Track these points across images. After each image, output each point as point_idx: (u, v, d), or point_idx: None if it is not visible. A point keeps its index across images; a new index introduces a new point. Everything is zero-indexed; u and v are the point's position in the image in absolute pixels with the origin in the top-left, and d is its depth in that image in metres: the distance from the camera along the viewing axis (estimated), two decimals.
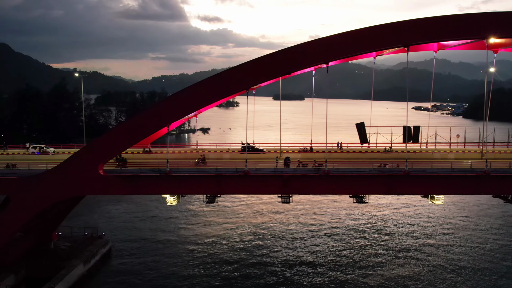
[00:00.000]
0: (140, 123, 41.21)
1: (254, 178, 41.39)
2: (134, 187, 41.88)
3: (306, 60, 41.23)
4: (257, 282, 51.85)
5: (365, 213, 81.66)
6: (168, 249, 64.75)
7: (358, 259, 58.34)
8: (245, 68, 40.97)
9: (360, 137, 54.89)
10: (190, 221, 78.76)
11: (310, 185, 41.87)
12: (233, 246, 64.19)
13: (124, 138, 41.00)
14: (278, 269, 55.40)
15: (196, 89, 41.20)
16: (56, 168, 41.39)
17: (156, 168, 42.47)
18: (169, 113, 40.72)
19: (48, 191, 41.41)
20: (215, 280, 52.59)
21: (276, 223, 75.54)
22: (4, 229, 42.04)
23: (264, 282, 51.66)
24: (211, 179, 41.56)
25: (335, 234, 69.31)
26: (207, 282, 52.41)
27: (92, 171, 40.83)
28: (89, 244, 61.71)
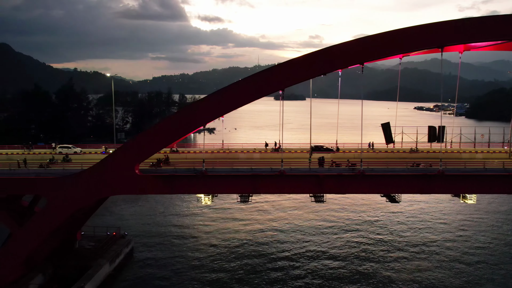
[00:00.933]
0: (176, 123, 41.32)
1: (289, 177, 41.61)
2: (170, 187, 42.04)
3: (341, 61, 41.38)
4: (280, 275, 52.16)
5: (394, 211, 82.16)
6: (189, 247, 65.02)
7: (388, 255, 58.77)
8: (282, 69, 41.19)
9: (386, 137, 55.19)
10: (210, 218, 79.21)
11: (345, 185, 42.09)
12: (253, 243, 64.62)
13: (160, 138, 41.15)
14: (301, 264, 55.71)
15: (233, 89, 41.38)
16: (93, 168, 41.50)
17: (191, 168, 42.62)
18: (205, 113, 40.88)
19: (84, 191, 41.54)
20: (236, 278, 53.06)
21: (297, 219, 75.91)
22: (41, 229, 42.13)
23: (287, 276, 52.10)
24: (246, 179, 41.75)
25: (356, 230, 69.79)
26: (227, 279, 52.79)
27: (129, 171, 40.99)
28: (112, 244, 61.95)
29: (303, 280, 51.99)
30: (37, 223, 42.02)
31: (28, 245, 42.48)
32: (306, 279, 52.00)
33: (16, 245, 42.16)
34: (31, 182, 41.65)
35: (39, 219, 41.97)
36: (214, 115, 41.33)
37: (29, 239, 42.20)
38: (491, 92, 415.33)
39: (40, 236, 42.40)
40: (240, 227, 74.69)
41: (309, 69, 41.09)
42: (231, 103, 40.97)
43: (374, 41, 40.39)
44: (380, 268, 54.61)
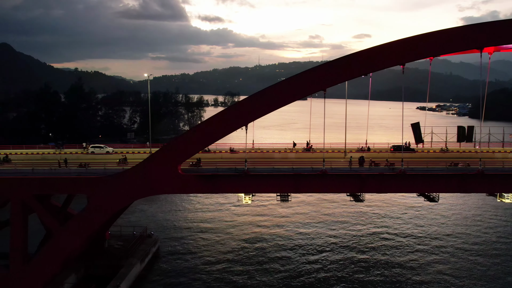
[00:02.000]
0: (218, 123, 41.53)
1: (331, 177, 41.87)
2: (212, 187, 42.23)
3: (382, 62, 41.60)
4: (304, 270, 52.51)
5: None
6: (213, 245, 65.69)
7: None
8: (324, 69, 41.42)
9: (415, 136, 55.58)
10: (228, 216, 79.65)
11: (386, 184, 42.37)
12: (280, 243, 65.00)
13: (202, 137, 41.37)
14: (333, 260, 56.12)
15: (275, 89, 41.55)
16: (135, 167, 41.69)
17: (233, 168, 42.89)
18: (248, 113, 41.10)
19: (127, 190, 41.71)
20: (262, 277, 53.52)
21: (321, 217, 76.26)
22: (83, 228, 42.29)
23: (314, 271, 52.46)
24: (288, 178, 42.00)
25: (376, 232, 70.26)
26: (253, 276, 53.28)
27: (172, 170, 41.20)
28: (140, 243, 62.20)
29: (335, 275, 52.51)
30: (79, 222, 42.16)
31: (69, 244, 42.61)
32: (338, 274, 52.48)
33: (57, 245, 42.25)
34: (74, 182, 41.79)
35: (81, 218, 42.11)
36: (256, 115, 41.47)
37: (70, 239, 42.33)
38: (493, 92, 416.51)
39: (82, 235, 42.57)
40: (262, 223, 75.24)
41: (350, 69, 41.31)
42: (273, 103, 41.15)
43: (416, 42, 40.68)
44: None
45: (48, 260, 42.50)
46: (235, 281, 53.73)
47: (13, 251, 42.29)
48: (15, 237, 42.23)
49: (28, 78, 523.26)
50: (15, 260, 42.30)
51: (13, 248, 42.32)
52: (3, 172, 43.87)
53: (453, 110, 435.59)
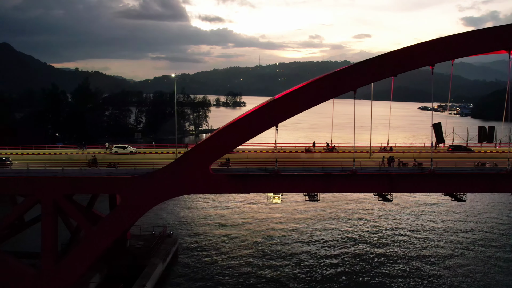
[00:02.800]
0: (249, 122, 41.66)
1: (361, 177, 42.06)
2: (243, 186, 42.36)
3: (412, 62, 41.74)
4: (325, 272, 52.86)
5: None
6: (230, 243, 66.61)
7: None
8: (357, 69, 41.60)
9: (437, 137, 55.83)
10: (243, 213, 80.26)
11: (416, 184, 42.58)
12: (297, 241, 65.43)
13: (233, 137, 41.52)
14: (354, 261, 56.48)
15: (306, 89, 41.70)
16: (167, 167, 41.81)
17: (262, 168, 43.04)
18: (279, 113, 41.21)
19: (158, 190, 41.83)
20: (280, 273, 54.05)
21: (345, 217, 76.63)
22: (115, 227, 42.42)
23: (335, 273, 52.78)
24: (318, 178, 42.17)
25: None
26: (272, 273, 53.91)
27: (203, 170, 41.34)
28: (161, 243, 62.39)
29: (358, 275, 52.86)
30: (111, 222, 42.24)
31: (101, 244, 42.68)
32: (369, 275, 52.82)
33: (89, 244, 42.36)
34: (106, 182, 41.91)
35: (113, 217, 42.21)
36: (286, 115, 41.59)
37: (102, 238, 42.42)
38: (494, 92, 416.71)
39: (114, 234, 42.67)
40: (279, 223, 75.71)
41: (381, 69, 41.48)
42: (305, 102, 41.30)
43: (446, 43, 40.91)
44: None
45: (79, 259, 42.55)
46: (254, 277, 54.37)
47: (44, 251, 42.33)
48: (46, 237, 42.28)
49: (29, 78, 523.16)
50: (46, 260, 42.35)
51: (44, 248, 42.36)
52: (34, 172, 43.93)
53: (455, 110, 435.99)
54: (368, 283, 51.89)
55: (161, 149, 60.30)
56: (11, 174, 44.15)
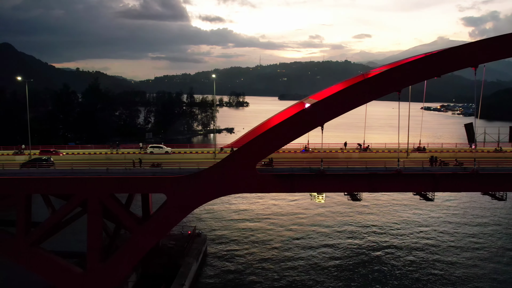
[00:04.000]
0: (294, 123, 41.97)
1: (405, 177, 42.46)
2: (289, 186, 42.71)
3: (455, 63, 42.12)
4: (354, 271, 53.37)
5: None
6: (257, 241, 67.74)
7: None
8: (400, 70, 41.98)
9: (468, 137, 56.32)
10: (267, 210, 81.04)
11: (459, 183, 43.02)
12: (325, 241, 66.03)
13: (279, 138, 41.85)
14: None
15: (351, 90, 42.08)
16: (213, 167, 42.12)
17: (307, 167, 43.43)
18: (323, 113, 41.60)
19: (205, 190, 42.13)
20: (312, 273, 55.01)
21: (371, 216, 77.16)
22: (161, 227, 42.71)
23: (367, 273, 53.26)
24: (363, 178, 42.56)
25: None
26: (299, 271, 54.90)
27: (249, 170, 41.68)
28: (192, 242, 62.78)
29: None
30: (157, 221, 42.53)
31: (147, 243, 42.96)
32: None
33: (135, 244, 42.62)
34: (153, 181, 42.18)
35: (160, 217, 42.49)
36: (331, 115, 41.94)
37: (148, 237, 42.70)
38: (497, 93, 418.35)
39: (160, 234, 43.06)
40: (303, 219, 76.78)
41: (428, 70, 41.85)
42: (349, 103, 41.66)
43: (488, 45, 41.36)
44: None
45: (125, 259, 42.84)
46: (283, 273, 55.57)
47: (91, 251, 42.57)
48: (92, 237, 42.50)
49: (31, 78, 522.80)
50: (92, 259, 42.58)
51: (90, 247, 42.59)
52: (79, 172, 44.22)
53: (457, 110, 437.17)
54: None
55: (196, 149, 60.62)
56: (56, 174, 44.44)
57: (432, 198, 45.56)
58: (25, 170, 45.51)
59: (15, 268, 48.84)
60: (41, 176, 43.54)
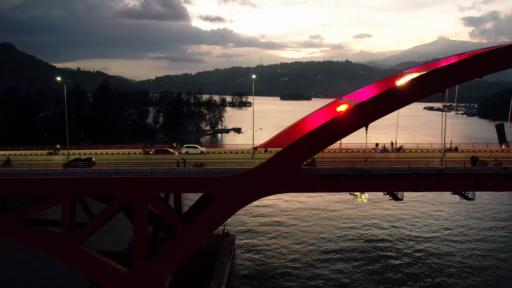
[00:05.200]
0: (340, 123, 42.38)
1: (448, 176, 42.94)
2: (333, 185, 43.17)
3: (494, 65, 42.55)
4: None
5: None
6: (285, 239, 68.58)
7: None
8: (444, 72, 42.45)
9: (499, 137, 56.87)
10: (290, 207, 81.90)
11: (502, 183, 43.49)
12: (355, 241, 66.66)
13: (324, 138, 42.30)
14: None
15: (397, 90, 42.50)
16: (259, 167, 42.48)
17: (351, 167, 43.86)
18: (369, 114, 42.04)
19: (251, 189, 42.53)
20: (340, 273, 55.75)
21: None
22: (207, 226, 43.08)
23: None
24: (407, 178, 43.03)
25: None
26: (328, 270, 55.87)
27: (295, 170, 42.12)
28: (222, 242, 63.17)
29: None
30: (204, 221, 42.88)
31: (193, 242, 43.37)
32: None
33: (181, 243, 42.98)
34: (199, 181, 42.52)
35: (206, 216, 42.82)
36: (377, 115, 42.38)
37: (195, 237, 43.09)
38: (500, 92, 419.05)
39: (206, 233, 43.44)
40: (333, 222, 77.36)
41: (468, 72, 42.28)
42: (395, 103, 42.18)
43: None
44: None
45: (171, 258, 43.21)
46: (312, 270, 56.63)
47: (136, 250, 42.90)
48: (138, 236, 42.83)
49: (33, 78, 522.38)
50: (138, 258, 42.91)
51: (136, 246, 42.94)
52: (123, 172, 44.54)
53: (460, 110, 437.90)
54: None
55: (231, 149, 60.96)
56: (101, 174, 44.72)
57: (473, 197, 46.06)
58: (69, 170, 45.75)
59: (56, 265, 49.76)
60: (87, 176, 43.83)
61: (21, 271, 56.08)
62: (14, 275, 55.42)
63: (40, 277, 54.57)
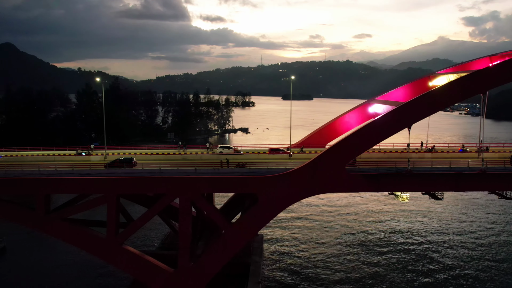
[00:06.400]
0: (383, 125, 42.86)
1: (490, 176, 43.52)
2: (377, 186, 43.69)
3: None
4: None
5: None
6: (308, 236, 69.70)
7: None
8: (487, 72, 43.06)
9: None
10: (310, 205, 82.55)
11: None
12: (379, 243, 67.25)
13: (368, 138, 42.81)
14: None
15: (440, 91, 42.96)
16: (304, 167, 42.94)
17: (393, 167, 44.43)
18: (412, 114, 42.54)
19: (296, 189, 42.98)
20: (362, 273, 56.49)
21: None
22: (252, 226, 43.56)
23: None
24: (450, 177, 43.59)
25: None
26: (356, 269, 56.95)
27: (339, 170, 42.62)
28: (253, 241, 63.71)
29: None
30: (248, 220, 43.37)
31: (238, 242, 43.82)
32: None
33: (226, 243, 43.44)
34: (244, 181, 43.00)
35: (251, 216, 43.31)
36: (418, 117, 42.91)
37: (240, 237, 43.54)
38: (502, 93, 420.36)
39: (251, 233, 43.95)
40: (351, 215, 78.36)
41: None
42: (438, 104, 42.75)
43: None
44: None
45: (216, 258, 43.66)
46: (339, 267, 57.66)
47: (182, 250, 43.35)
48: (183, 236, 43.30)
49: (35, 78, 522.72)
50: (183, 258, 43.36)
51: (181, 246, 43.38)
52: (167, 172, 45.01)
53: (464, 110, 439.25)
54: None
55: (263, 149, 61.36)
56: (144, 174, 45.17)
57: (511, 197, 46.64)
58: (113, 171, 46.20)
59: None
60: (132, 176, 44.28)
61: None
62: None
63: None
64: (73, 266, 58.00)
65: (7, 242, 66.77)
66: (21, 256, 63.35)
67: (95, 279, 54.60)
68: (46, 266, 59.01)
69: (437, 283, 53.13)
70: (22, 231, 72.52)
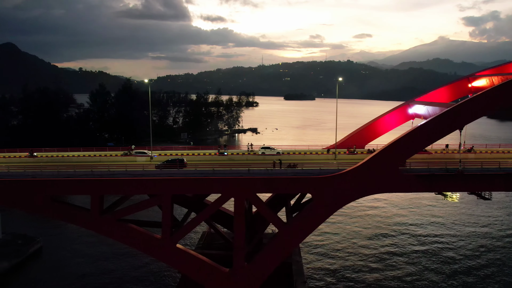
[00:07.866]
0: (436, 125, 43.45)
1: None
2: (428, 185, 44.24)
3: None
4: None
5: None
6: (336, 237, 70.72)
7: None
8: None
9: None
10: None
11: None
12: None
13: (422, 138, 43.41)
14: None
15: (493, 92, 43.48)
16: (357, 167, 43.49)
17: (443, 168, 45.07)
18: (464, 116, 43.15)
19: (350, 189, 43.51)
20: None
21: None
22: (308, 226, 44.09)
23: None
24: (500, 178, 44.23)
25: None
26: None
27: (393, 170, 43.20)
28: None
29: None
30: (303, 220, 43.89)
31: (292, 242, 44.37)
32: None
33: (281, 242, 43.96)
34: (299, 182, 43.54)
35: (306, 216, 43.83)
36: (469, 119, 43.56)
37: (294, 236, 44.08)
38: None
39: (305, 233, 44.38)
40: (379, 215, 78.81)
41: None
42: (491, 105, 43.37)
43: None
44: None
45: (271, 258, 44.18)
46: (378, 267, 58.66)
47: (237, 249, 43.83)
48: (238, 235, 43.78)
49: (37, 78, 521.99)
50: (238, 257, 43.86)
51: (236, 246, 43.87)
52: (221, 173, 45.53)
53: None
54: None
55: (310, 150, 61.78)
56: (197, 174, 45.67)
57: None
58: (166, 171, 46.68)
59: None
60: (187, 177, 44.77)
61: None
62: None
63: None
64: (106, 268, 58.54)
65: (43, 242, 67.26)
66: (57, 256, 63.87)
67: (132, 279, 55.09)
68: (81, 266, 59.55)
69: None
70: (58, 231, 73.15)
